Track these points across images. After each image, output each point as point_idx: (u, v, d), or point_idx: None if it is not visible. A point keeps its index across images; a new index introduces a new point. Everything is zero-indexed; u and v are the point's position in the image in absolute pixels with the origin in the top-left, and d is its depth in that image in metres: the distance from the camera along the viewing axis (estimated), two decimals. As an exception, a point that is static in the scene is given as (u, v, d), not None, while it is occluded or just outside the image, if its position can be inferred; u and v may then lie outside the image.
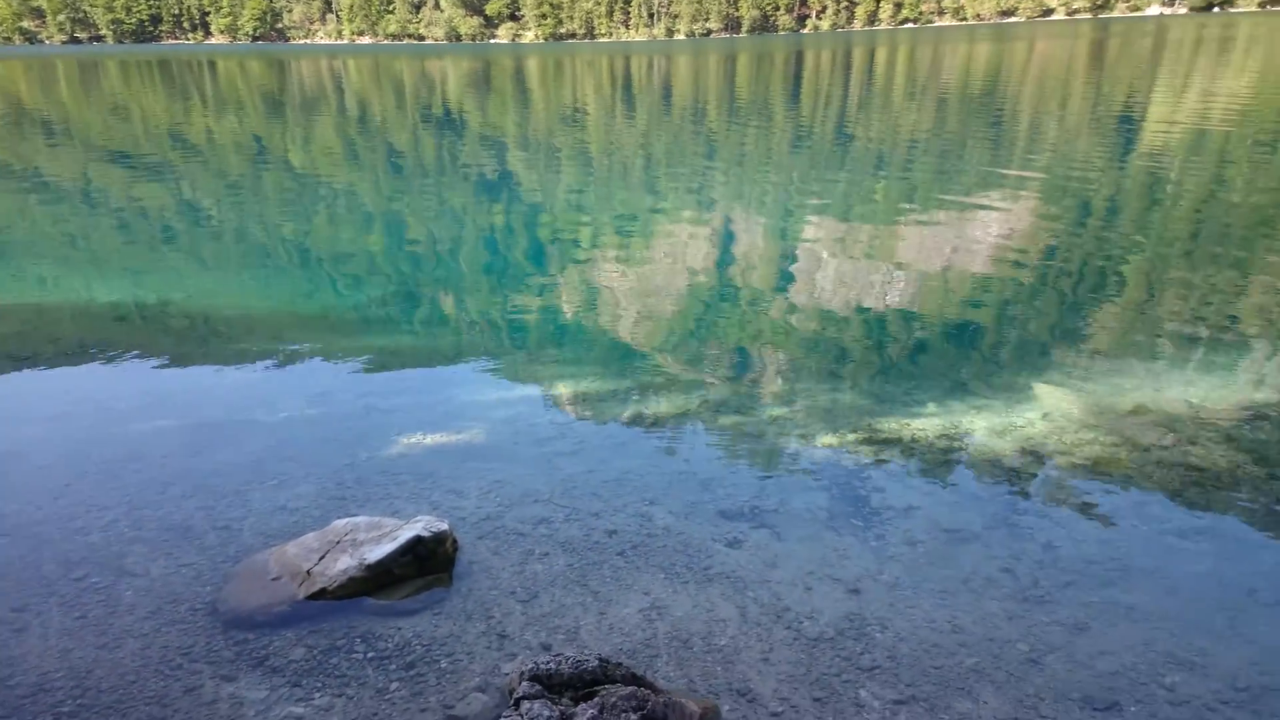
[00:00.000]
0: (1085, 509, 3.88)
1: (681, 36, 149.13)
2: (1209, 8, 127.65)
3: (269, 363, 6.09)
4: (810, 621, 3.19)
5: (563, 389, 5.54)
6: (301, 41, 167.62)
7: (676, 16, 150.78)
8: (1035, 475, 4.21)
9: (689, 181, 13.38)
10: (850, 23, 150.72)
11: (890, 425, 4.81)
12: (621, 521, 3.90)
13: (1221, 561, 3.43)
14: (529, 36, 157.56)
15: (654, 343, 6.40)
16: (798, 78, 38.46)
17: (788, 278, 8.03)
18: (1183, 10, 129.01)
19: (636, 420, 5.00)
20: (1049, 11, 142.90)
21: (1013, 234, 9.04)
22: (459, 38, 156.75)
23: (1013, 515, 3.86)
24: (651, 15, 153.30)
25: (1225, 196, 10.16)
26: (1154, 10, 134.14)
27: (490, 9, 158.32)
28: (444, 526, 3.60)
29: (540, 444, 4.72)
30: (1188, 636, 3.01)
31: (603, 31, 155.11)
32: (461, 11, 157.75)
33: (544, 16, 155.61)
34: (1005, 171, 12.57)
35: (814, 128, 19.95)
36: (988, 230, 9.26)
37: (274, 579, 3.40)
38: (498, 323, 7.03)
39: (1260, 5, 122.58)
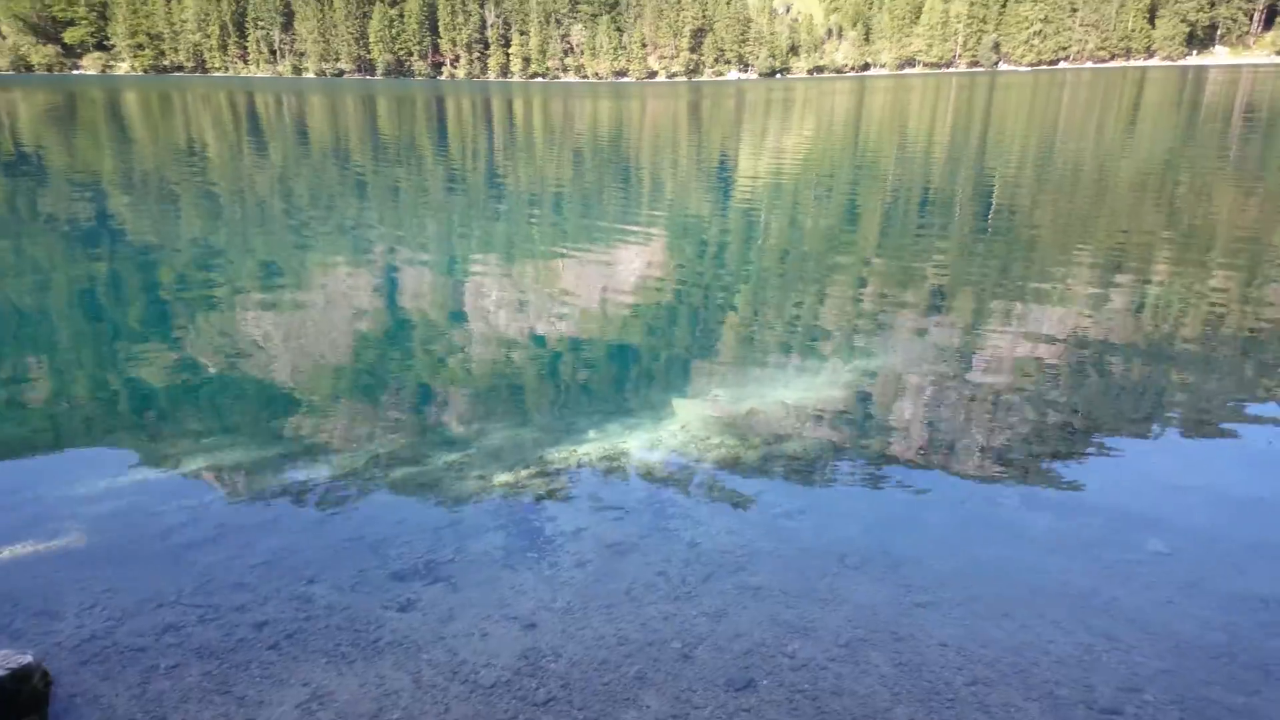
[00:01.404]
0: (718, 504, 4.42)
1: (311, 75, 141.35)
2: (773, 74, 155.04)
3: None
4: (487, 669, 3.19)
5: (196, 465, 4.87)
6: None
7: (303, 54, 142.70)
8: (679, 481, 4.70)
9: (339, 223, 12.71)
10: (484, 73, 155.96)
11: (559, 454, 5.03)
12: (273, 610, 3.53)
13: (820, 535, 4.13)
14: (123, 68, 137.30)
15: (311, 398, 5.94)
16: (442, 122, 38.70)
17: (451, 320, 8.01)
18: (754, 75, 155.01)
19: (291, 489, 4.59)
20: (653, 74, 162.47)
21: (650, 269, 10.04)
22: (30, 68, 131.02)
23: (663, 520, 4.26)
24: (274, 51, 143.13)
25: (802, 232, 12.37)
26: (733, 75, 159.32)
27: (70, 36, 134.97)
28: (27, 660, 2.93)
29: (166, 536, 4.09)
30: (800, 606, 3.57)
31: (216, 66, 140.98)
32: (31, 39, 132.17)
33: (140, 47, 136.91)
34: (637, 214, 13.93)
35: (465, 171, 20.25)
36: (629, 267, 10.17)
37: None
38: (107, 395, 5.97)
39: (807, 72, 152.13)
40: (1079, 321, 7.32)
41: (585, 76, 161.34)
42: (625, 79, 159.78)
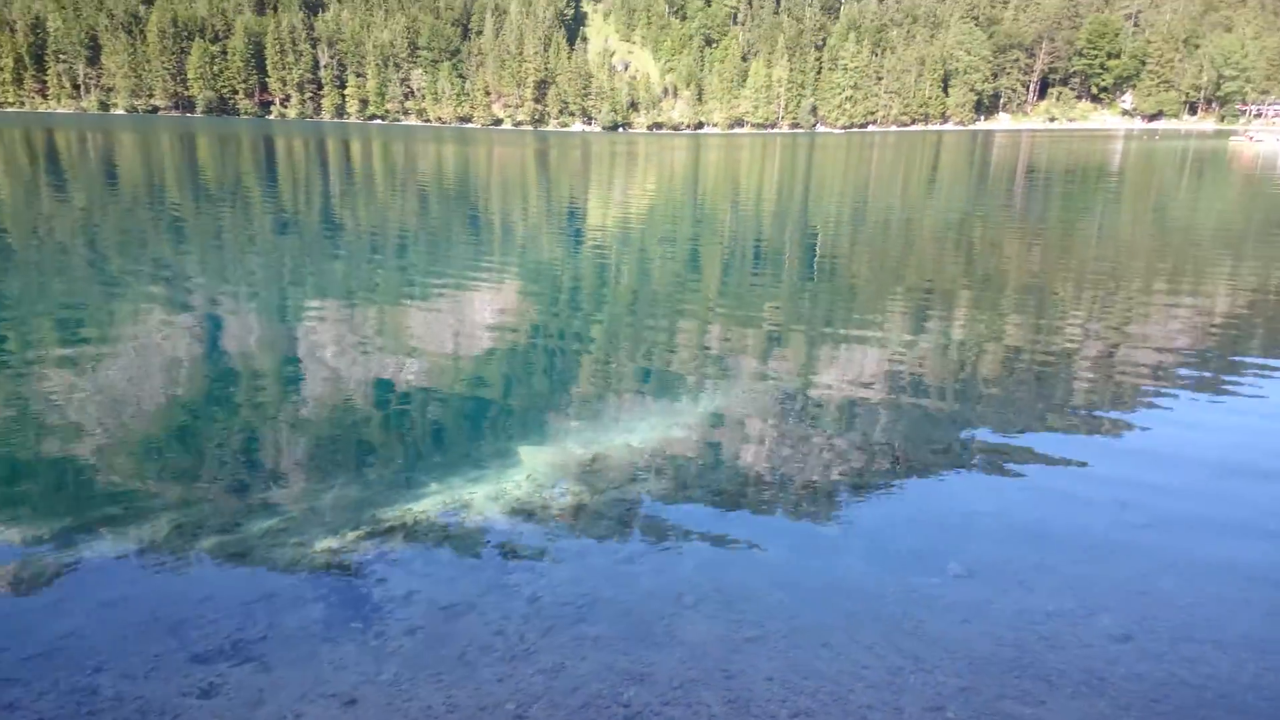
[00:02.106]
0: (562, 555, 4.39)
1: (121, 111, 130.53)
2: (615, 128, 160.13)
3: None
4: (303, 753, 2.96)
5: (-45, 553, 4.25)
6: None
7: (111, 89, 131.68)
8: (522, 533, 4.62)
9: (152, 270, 11.67)
10: (318, 113, 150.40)
11: (393, 512, 4.81)
12: (50, 707, 3.12)
13: (660, 576, 4.19)
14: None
15: (110, 463, 5.36)
16: (272, 162, 36.78)
17: (279, 372, 7.52)
18: (597, 128, 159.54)
19: (79, 567, 4.10)
20: (498, 121, 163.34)
21: (499, 315, 9.94)
22: None
23: (504, 576, 4.17)
24: (77, 85, 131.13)
25: (648, 279, 12.72)
26: (578, 127, 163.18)
27: None
28: None
29: (-85, 636, 3.52)
30: (638, 651, 3.59)
31: (10, 100, 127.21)
32: None
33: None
34: (486, 259, 13.81)
35: (299, 214, 19.28)
36: (478, 313, 10.03)
37: None
38: None
39: (647, 128, 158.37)
40: (894, 362, 7.96)
41: (427, 120, 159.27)
42: (469, 125, 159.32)
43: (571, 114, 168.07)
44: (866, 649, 3.57)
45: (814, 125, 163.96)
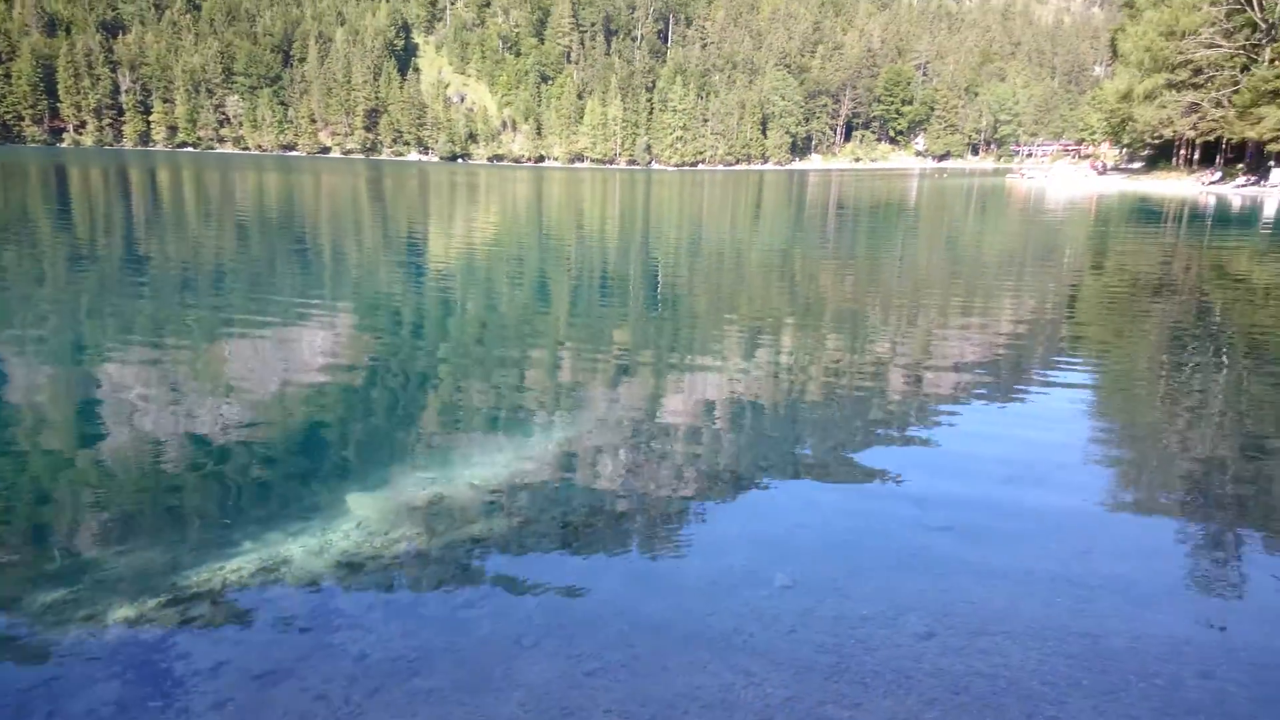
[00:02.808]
0: (393, 607, 4.19)
1: None
2: (454, 158, 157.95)
3: None
4: None
5: None
6: None
7: None
8: (350, 588, 4.37)
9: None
10: (119, 140, 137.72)
11: (201, 575, 4.40)
12: None
13: (499, 620, 4.10)
14: None
15: None
16: (64, 194, 33.16)
17: (76, 421, 6.74)
18: (435, 159, 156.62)
19: None
20: (326, 150, 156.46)
21: (331, 351, 9.43)
22: None
23: (328, 635, 3.92)
24: None
25: (494, 309, 12.55)
26: (414, 157, 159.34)
27: None
28: None
29: None
30: (474, 701, 3.49)
31: None
32: None
33: None
34: (319, 293, 13.09)
35: (97, 247, 17.44)
36: (306, 351, 9.46)
37: None
38: None
39: (488, 159, 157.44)
40: (731, 387, 8.31)
41: (245, 148, 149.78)
42: (294, 153, 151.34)
43: (406, 143, 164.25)
44: (701, 668, 3.67)
45: (649, 162, 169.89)
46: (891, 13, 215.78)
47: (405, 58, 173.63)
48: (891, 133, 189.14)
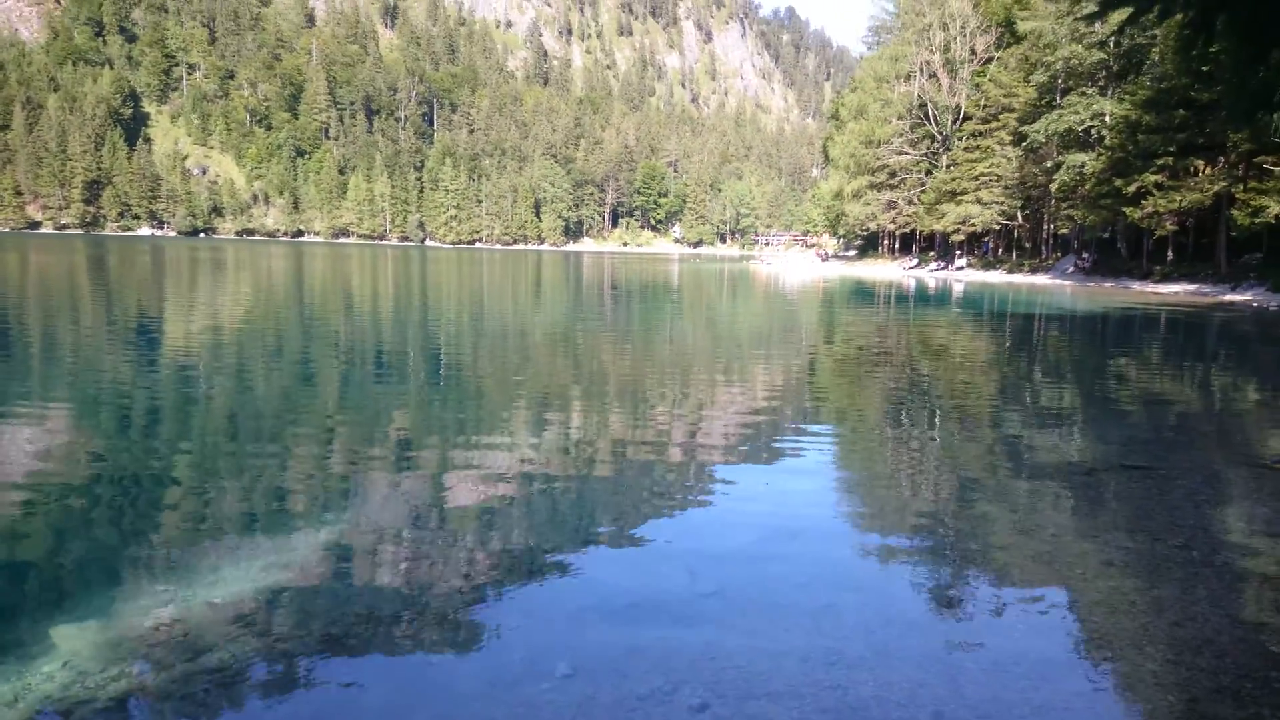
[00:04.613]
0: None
1: None
2: (195, 233, 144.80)
3: None
4: None
5: None
6: None
7: None
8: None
9: None
10: None
11: None
12: None
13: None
14: None
15: None
16: None
17: None
18: (172, 233, 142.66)
19: None
20: (36, 224, 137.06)
21: (39, 458, 8.00)
22: None
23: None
24: None
25: (249, 395, 11.43)
26: (146, 231, 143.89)
27: None
28: None
29: None
30: None
31: None
32: None
33: None
34: (23, 388, 11.14)
35: None
36: (8, 458, 7.94)
37: None
38: None
39: (236, 233, 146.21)
40: (513, 464, 8.18)
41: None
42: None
43: (136, 217, 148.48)
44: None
45: (424, 239, 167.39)
46: (643, 114, 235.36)
47: (134, 127, 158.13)
48: (652, 221, 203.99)
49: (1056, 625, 5.06)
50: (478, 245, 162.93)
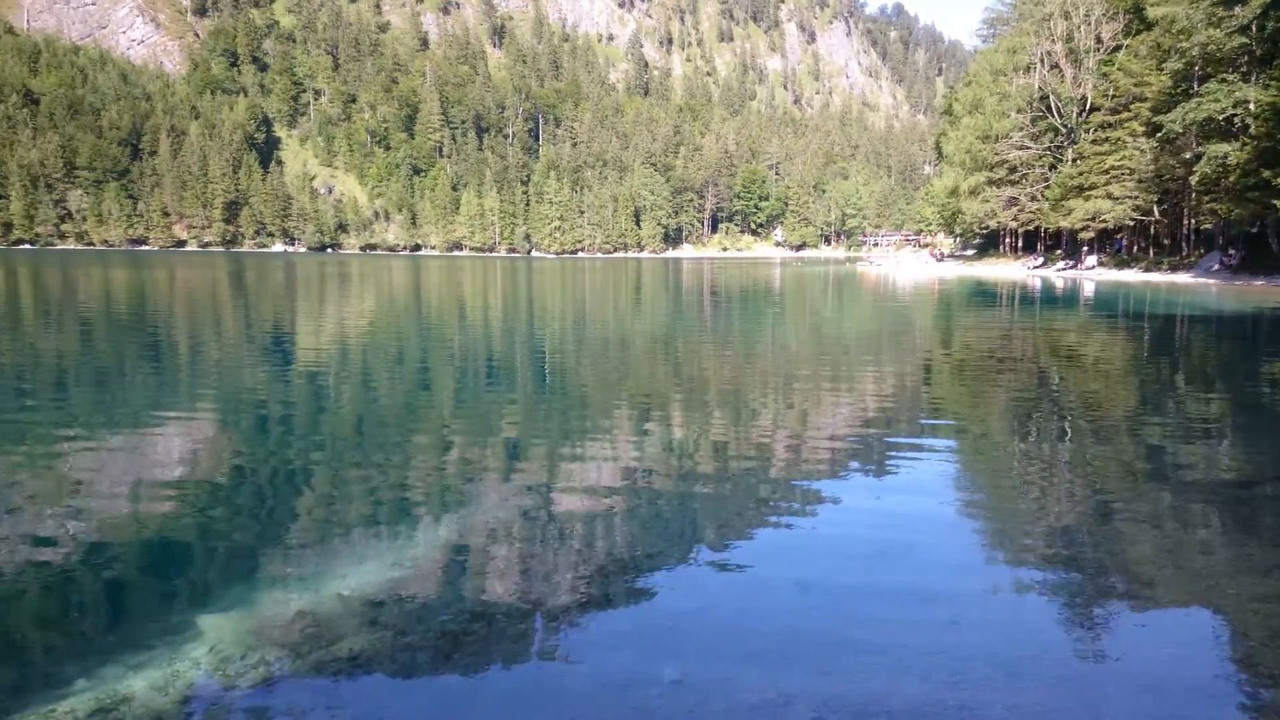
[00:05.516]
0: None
1: None
2: (323, 248, 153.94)
3: None
4: None
5: None
6: None
7: None
8: (199, 723, 3.95)
9: None
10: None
11: (25, 722, 3.86)
12: None
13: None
14: None
15: None
16: None
17: None
18: (303, 249, 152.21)
19: None
20: (181, 243, 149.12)
21: (188, 458, 8.72)
22: None
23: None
24: None
25: (373, 400, 12.06)
26: (279, 248, 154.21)
27: None
28: None
29: None
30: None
31: None
32: None
33: None
34: (172, 394, 12.18)
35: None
36: (157, 458, 8.71)
37: None
38: None
39: (360, 249, 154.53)
40: (619, 471, 8.27)
41: (90, 244, 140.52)
42: (144, 247, 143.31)
43: (271, 235, 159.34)
44: (592, 781, 3.51)
45: (529, 250, 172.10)
46: (743, 119, 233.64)
47: (267, 150, 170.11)
48: (753, 225, 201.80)
49: (1207, 649, 4.64)
50: (580, 254, 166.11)
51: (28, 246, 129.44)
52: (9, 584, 5.51)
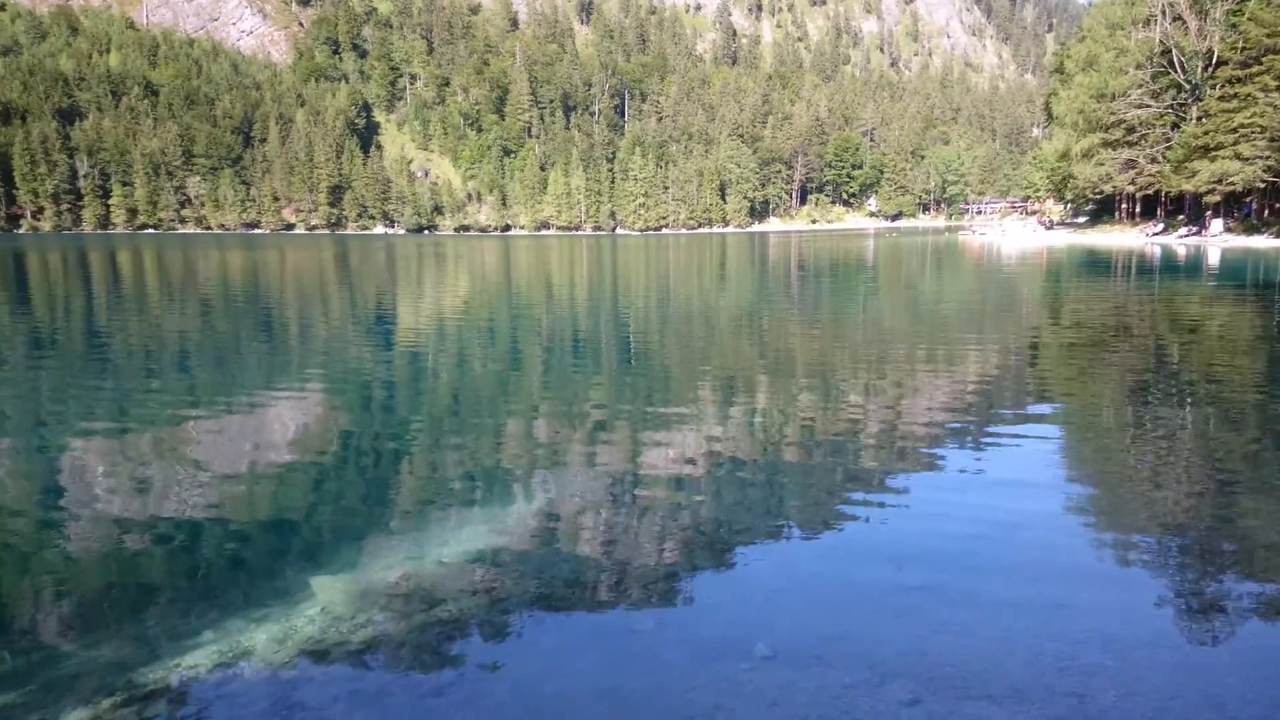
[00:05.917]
0: (355, 697, 4.01)
1: None
2: (420, 230, 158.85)
3: None
4: None
5: None
6: None
7: None
8: (313, 678, 4.18)
9: None
10: (78, 225, 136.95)
11: (158, 671, 4.19)
12: None
13: (469, 708, 3.92)
14: None
15: None
16: (21, 279, 32.69)
17: (24, 511, 6.46)
18: (401, 231, 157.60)
19: None
20: (290, 226, 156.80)
21: (298, 429, 9.23)
22: None
23: (290, 731, 3.74)
24: None
25: (467, 377, 12.45)
26: (380, 230, 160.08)
27: None
28: None
29: None
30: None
31: None
32: None
33: None
34: (285, 370, 12.91)
35: (59, 335, 17.11)
36: (271, 428, 9.27)
37: None
38: None
39: (454, 230, 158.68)
40: (707, 446, 8.28)
41: (208, 228, 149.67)
42: (257, 231, 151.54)
43: (372, 217, 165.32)
44: (680, 750, 3.54)
45: (614, 228, 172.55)
46: (836, 84, 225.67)
47: (367, 135, 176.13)
48: (844, 195, 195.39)
49: (1344, 644, 4.28)
50: (664, 231, 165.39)
51: (152, 231, 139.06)
52: (142, 546, 5.99)
